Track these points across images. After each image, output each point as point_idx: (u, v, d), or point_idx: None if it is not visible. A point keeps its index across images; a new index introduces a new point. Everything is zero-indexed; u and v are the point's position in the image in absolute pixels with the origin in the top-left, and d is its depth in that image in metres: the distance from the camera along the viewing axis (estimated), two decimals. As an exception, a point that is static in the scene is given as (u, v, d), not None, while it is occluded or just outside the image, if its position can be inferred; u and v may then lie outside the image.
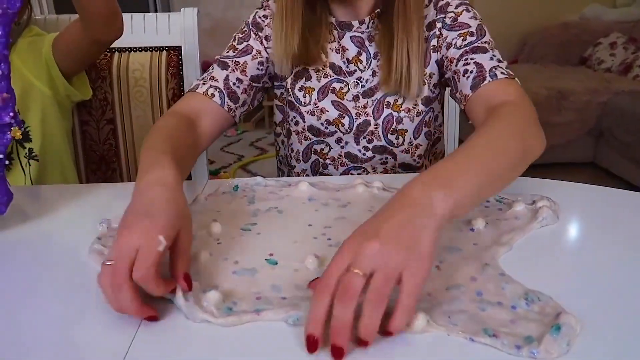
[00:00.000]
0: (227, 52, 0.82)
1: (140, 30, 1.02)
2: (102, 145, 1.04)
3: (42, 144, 0.92)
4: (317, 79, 0.82)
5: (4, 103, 0.63)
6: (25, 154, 0.92)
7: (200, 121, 0.74)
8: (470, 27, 0.75)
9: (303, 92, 0.83)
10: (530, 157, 0.57)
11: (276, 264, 0.52)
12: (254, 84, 0.82)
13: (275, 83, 0.87)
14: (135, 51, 1.03)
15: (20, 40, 0.92)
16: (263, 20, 0.83)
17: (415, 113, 0.81)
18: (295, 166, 0.89)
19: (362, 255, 0.39)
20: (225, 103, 0.78)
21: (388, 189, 0.67)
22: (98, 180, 1.05)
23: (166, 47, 1.03)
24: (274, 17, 0.81)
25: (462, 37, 0.75)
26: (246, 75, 0.80)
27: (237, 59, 0.80)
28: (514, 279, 0.46)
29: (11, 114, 0.63)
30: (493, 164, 0.50)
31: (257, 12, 0.85)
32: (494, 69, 0.70)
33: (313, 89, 0.82)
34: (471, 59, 0.72)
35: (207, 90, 0.77)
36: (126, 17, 1.00)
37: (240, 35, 0.83)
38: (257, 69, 0.82)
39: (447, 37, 0.77)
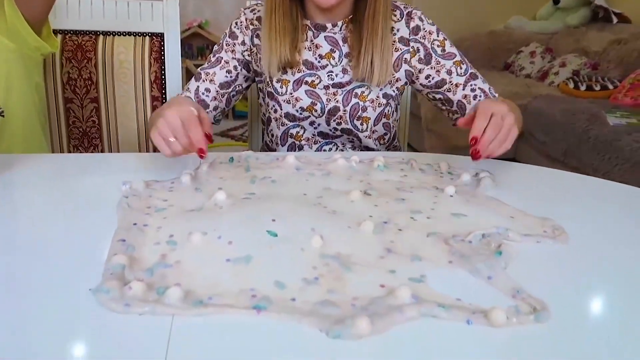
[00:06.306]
0: (205, 64, 0.98)
1: (124, 15, 1.09)
2: (85, 122, 1.10)
3: (5, 98, 0.93)
4: (292, 74, 0.96)
5: None
6: None
7: None
8: (456, 55, 0.96)
9: (280, 83, 0.96)
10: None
11: (276, 235, 0.56)
12: (222, 90, 0.97)
13: (257, 78, 1.01)
14: (119, 35, 1.09)
15: None
16: (239, 28, 0.98)
17: (377, 104, 0.96)
18: (275, 149, 1.01)
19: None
20: None
21: (364, 161, 0.81)
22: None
23: (149, 33, 1.11)
24: (262, 32, 0.93)
25: (457, 66, 0.95)
26: (214, 84, 0.96)
27: (207, 70, 0.97)
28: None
29: None
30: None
31: (234, 22, 0.99)
32: (490, 91, 0.96)
33: (288, 81, 0.96)
34: (474, 84, 0.96)
35: None
36: (110, 2, 1.07)
37: (216, 48, 0.99)
38: (225, 76, 0.97)
39: (444, 65, 0.96)
